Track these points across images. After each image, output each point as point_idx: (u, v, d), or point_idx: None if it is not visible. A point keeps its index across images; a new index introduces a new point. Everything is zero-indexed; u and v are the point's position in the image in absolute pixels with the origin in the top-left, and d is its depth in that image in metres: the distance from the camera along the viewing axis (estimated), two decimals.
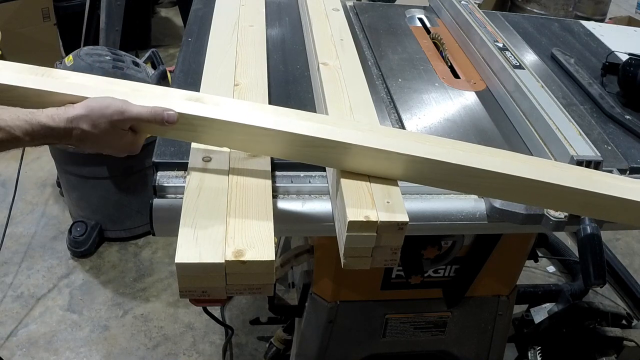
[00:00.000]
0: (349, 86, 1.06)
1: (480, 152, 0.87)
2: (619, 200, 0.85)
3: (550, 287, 2.02)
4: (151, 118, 0.80)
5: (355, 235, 0.77)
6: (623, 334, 1.71)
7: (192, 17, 1.46)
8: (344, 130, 0.84)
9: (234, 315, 2.27)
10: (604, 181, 0.88)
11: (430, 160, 0.83)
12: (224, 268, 0.72)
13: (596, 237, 0.93)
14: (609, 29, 1.74)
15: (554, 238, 2.53)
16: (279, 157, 0.91)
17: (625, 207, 0.87)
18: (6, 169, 2.90)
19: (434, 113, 1.17)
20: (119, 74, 2.14)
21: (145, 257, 2.51)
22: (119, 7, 2.89)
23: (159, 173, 0.94)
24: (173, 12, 4.73)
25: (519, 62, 1.24)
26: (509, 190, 0.86)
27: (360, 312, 1.33)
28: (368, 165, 0.84)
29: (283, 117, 0.85)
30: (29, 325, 2.17)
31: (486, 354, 1.45)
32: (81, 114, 0.77)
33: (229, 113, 0.83)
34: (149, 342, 2.15)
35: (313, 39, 1.23)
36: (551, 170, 0.87)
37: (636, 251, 2.78)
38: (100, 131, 0.78)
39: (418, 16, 1.64)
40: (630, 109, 1.27)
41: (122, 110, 0.78)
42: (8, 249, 2.45)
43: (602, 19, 4.42)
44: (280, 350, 1.90)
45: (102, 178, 2.33)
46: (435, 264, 1.22)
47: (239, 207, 0.80)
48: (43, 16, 3.32)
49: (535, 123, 1.09)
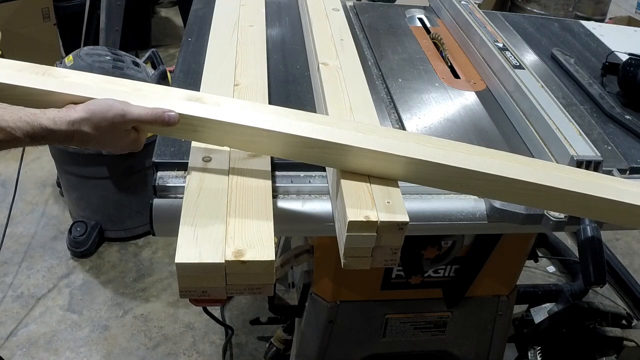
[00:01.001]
0: (349, 86, 1.06)
1: (480, 154, 0.87)
2: (618, 203, 0.85)
3: (550, 287, 2.02)
4: (152, 120, 0.80)
5: (355, 235, 0.77)
6: (623, 334, 1.71)
7: (192, 17, 1.46)
8: (343, 131, 0.84)
9: (234, 315, 2.27)
10: (603, 184, 0.88)
11: (430, 163, 0.83)
12: (224, 268, 0.72)
13: (596, 237, 0.93)
14: (609, 29, 1.73)
15: (554, 238, 2.53)
16: (279, 157, 0.91)
17: (624, 210, 0.87)
18: (6, 169, 2.90)
19: (434, 113, 1.17)
20: (119, 74, 2.14)
21: (145, 257, 2.51)
22: (119, 7, 2.89)
23: (159, 173, 0.94)
24: (173, 12, 4.72)
25: (519, 62, 1.24)
26: (509, 193, 0.86)
27: (360, 312, 1.33)
28: (368, 166, 0.84)
29: (283, 118, 0.85)
30: (29, 325, 2.17)
31: (486, 354, 1.45)
32: (82, 117, 0.77)
33: (229, 113, 0.83)
34: (149, 342, 2.15)
35: (313, 39, 1.23)
36: (551, 173, 0.87)
37: (636, 251, 2.78)
38: (102, 133, 0.78)
39: (418, 16, 1.64)
40: (630, 109, 1.27)
41: (123, 113, 0.79)
42: (8, 249, 2.45)
43: (602, 19, 4.42)
44: (280, 350, 1.90)
45: (102, 178, 2.33)
46: (435, 264, 1.22)
47: (239, 207, 0.80)
48: (43, 16, 3.32)
49: (535, 123, 1.09)
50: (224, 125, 0.82)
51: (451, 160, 0.84)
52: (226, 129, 0.83)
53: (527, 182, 0.84)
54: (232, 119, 0.82)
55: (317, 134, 0.83)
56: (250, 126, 0.82)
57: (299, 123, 0.84)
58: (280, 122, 0.84)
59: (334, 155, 0.83)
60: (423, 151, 0.84)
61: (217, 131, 0.83)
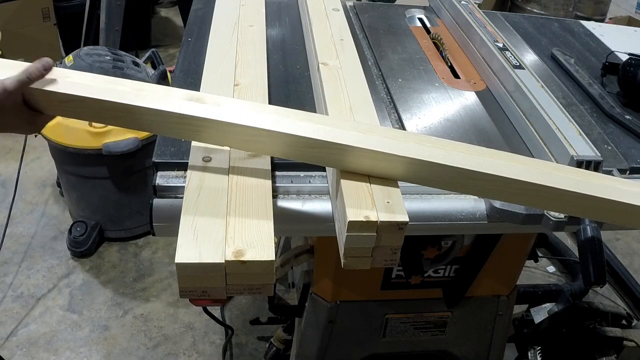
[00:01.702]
0: (349, 86, 1.06)
1: (480, 154, 0.87)
2: (618, 203, 0.85)
3: (550, 287, 2.02)
4: (30, 76, 0.79)
5: (355, 236, 0.77)
6: (623, 334, 1.71)
7: (192, 17, 1.46)
8: (343, 131, 0.84)
9: (234, 315, 2.27)
10: (603, 184, 0.87)
11: (430, 163, 0.83)
12: (224, 268, 0.72)
13: (596, 237, 0.93)
14: (609, 29, 1.73)
15: (554, 238, 2.53)
16: (279, 157, 0.91)
17: (624, 211, 0.87)
18: (6, 169, 2.90)
19: (434, 113, 1.17)
20: (119, 74, 2.15)
21: (145, 257, 2.51)
22: (119, 7, 2.89)
23: (159, 173, 0.94)
24: (173, 12, 4.73)
25: (519, 62, 1.24)
26: (508, 193, 0.86)
27: (360, 312, 1.33)
28: (368, 166, 0.84)
29: (283, 118, 0.85)
30: (29, 325, 2.17)
31: (486, 354, 1.45)
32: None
33: (229, 113, 0.83)
34: (149, 342, 2.15)
35: (313, 39, 1.23)
36: (551, 173, 0.87)
37: (636, 251, 2.78)
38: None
39: (418, 16, 1.64)
40: (630, 109, 1.27)
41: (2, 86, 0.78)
42: (8, 249, 2.45)
43: (602, 19, 4.42)
44: (280, 350, 1.90)
45: (102, 178, 2.33)
46: (435, 264, 1.22)
47: (239, 207, 0.80)
48: (43, 16, 3.32)
49: (535, 123, 1.09)
50: (224, 125, 0.82)
51: (451, 160, 0.83)
52: (226, 129, 0.83)
53: (527, 182, 0.84)
54: (232, 119, 0.82)
55: (317, 134, 0.83)
56: (250, 126, 0.82)
57: (299, 123, 0.84)
58: (280, 122, 0.83)
59: (334, 155, 0.83)
60: (423, 151, 0.84)
61: (218, 131, 0.83)
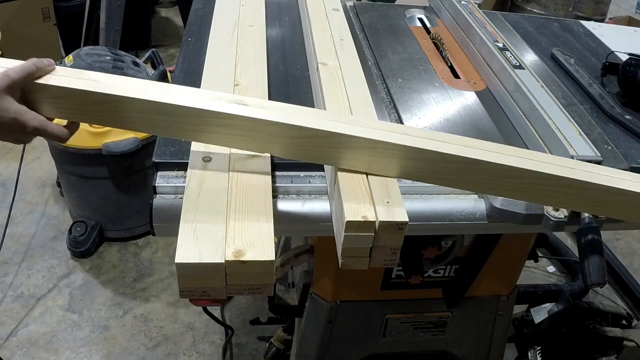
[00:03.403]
0: (349, 86, 1.06)
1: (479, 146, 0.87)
2: (620, 191, 0.85)
3: (550, 287, 2.02)
4: (38, 65, 0.77)
5: (353, 236, 0.77)
6: (623, 334, 1.71)
7: (192, 17, 1.46)
8: (341, 123, 0.84)
9: (234, 315, 2.27)
10: (607, 175, 0.87)
11: (431, 152, 0.82)
12: (224, 268, 0.72)
13: (596, 237, 0.93)
14: (609, 29, 1.73)
15: (554, 238, 2.53)
16: (276, 155, 0.90)
17: (626, 203, 0.86)
18: (6, 169, 2.90)
19: (434, 113, 1.17)
20: (119, 74, 2.13)
21: (145, 257, 2.51)
22: (119, 7, 2.89)
23: (159, 173, 0.94)
24: (173, 12, 4.73)
25: (519, 62, 1.24)
26: (508, 188, 0.86)
27: (360, 312, 1.33)
28: (365, 161, 0.83)
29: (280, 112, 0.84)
30: (29, 325, 2.17)
31: (486, 354, 1.45)
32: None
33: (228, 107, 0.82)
34: (149, 342, 2.15)
35: (313, 39, 1.23)
36: (551, 162, 0.86)
37: (636, 251, 2.78)
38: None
39: (418, 16, 1.64)
40: (630, 109, 1.27)
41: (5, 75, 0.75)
42: (8, 249, 2.45)
43: (602, 19, 4.42)
44: (280, 350, 1.90)
45: (102, 178, 2.33)
46: (435, 264, 1.22)
47: (239, 207, 0.80)
48: (43, 16, 3.32)
49: (535, 123, 1.09)
50: (222, 116, 0.82)
51: (449, 149, 0.83)
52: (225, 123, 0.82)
53: (525, 169, 0.83)
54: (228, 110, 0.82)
55: (311, 124, 0.82)
56: (247, 117, 0.81)
57: (295, 113, 0.84)
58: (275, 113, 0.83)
59: (330, 148, 0.83)
60: (420, 141, 0.83)
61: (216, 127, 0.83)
